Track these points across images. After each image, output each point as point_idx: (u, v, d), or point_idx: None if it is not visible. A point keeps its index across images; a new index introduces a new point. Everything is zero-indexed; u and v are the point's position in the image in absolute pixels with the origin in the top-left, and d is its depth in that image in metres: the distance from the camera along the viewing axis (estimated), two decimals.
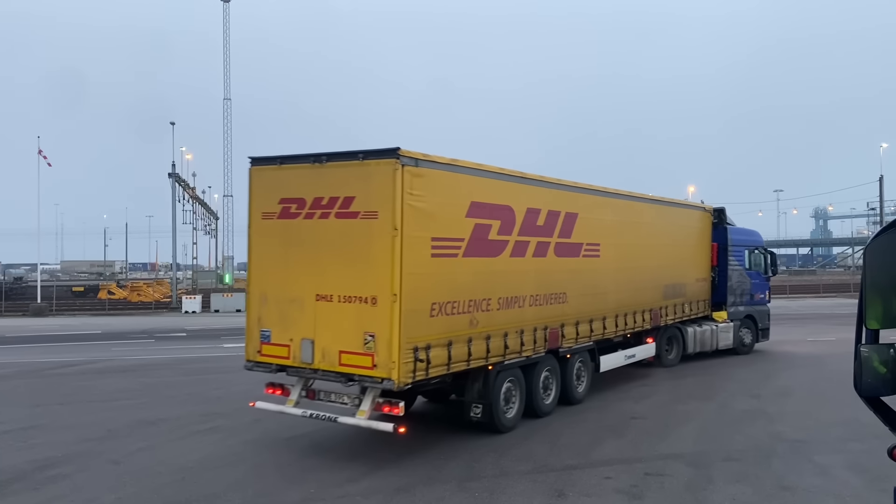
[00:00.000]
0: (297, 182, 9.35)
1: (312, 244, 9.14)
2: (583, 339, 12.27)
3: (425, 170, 8.86)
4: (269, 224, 9.59)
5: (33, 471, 8.32)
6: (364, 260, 8.66)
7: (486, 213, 9.89)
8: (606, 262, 13.02)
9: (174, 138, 54.59)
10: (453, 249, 9.35)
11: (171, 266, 56.81)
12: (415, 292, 8.59)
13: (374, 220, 8.58)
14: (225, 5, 67.41)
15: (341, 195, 8.89)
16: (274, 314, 9.46)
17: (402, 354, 8.38)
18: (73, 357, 20.11)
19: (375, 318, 8.49)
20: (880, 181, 55.38)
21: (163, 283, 63.12)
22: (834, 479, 7.71)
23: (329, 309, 8.89)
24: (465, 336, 9.41)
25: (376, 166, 8.68)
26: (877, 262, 2.91)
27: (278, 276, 9.50)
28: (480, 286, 9.81)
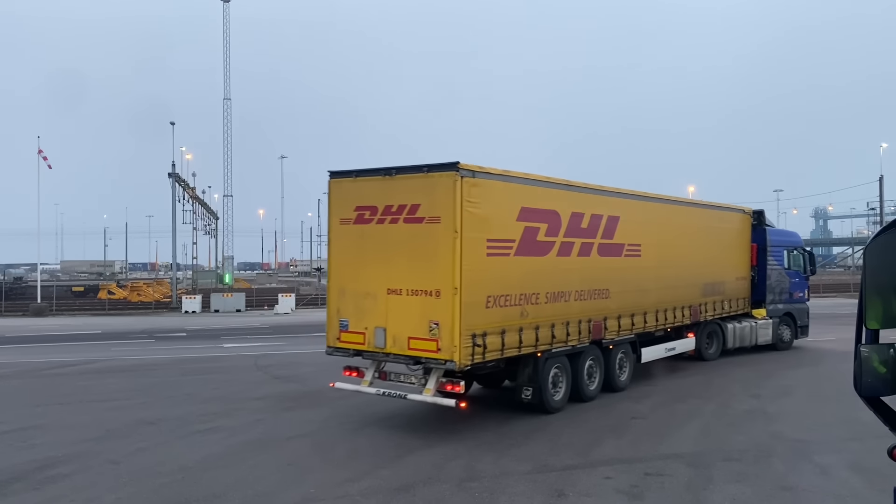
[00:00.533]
0: (369, 192, 10.76)
1: (384, 245, 10.52)
2: (624, 331, 13.28)
3: (481, 180, 10.16)
4: (346, 228, 11.08)
5: (33, 471, 8.32)
6: (429, 259, 9.98)
7: (534, 217, 11.12)
8: (647, 261, 13.96)
9: (174, 138, 54.60)
10: (506, 249, 10.61)
11: (171, 266, 56.79)
12: (472, 286, 9.86)
13: (438, 224, 9.90)
14: (225, 5, 67.41)
15: (409, 203, 10.27)
16: (351, 306, 10.90)
17: (462, 340, 9.63)
18: (73, 357, 20.10)
19: (439, 308, 9.78)
20: (880, 181, 55.39)
21: (163, 283, 63.11)
22: (834, 479, 7.71)
23: (399, 301, 10.25)
24: (517, 326, 10.64)
25: (439, 178, 9.99)
26: (877, 262, 2.91)
27: (354, 274, 10.93)
28: (530, 282, 11.02)
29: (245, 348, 22.29)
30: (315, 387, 14.25)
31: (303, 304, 47.43)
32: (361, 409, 11.80)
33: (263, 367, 17.47)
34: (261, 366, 17.63)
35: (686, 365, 16.47)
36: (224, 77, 66.43)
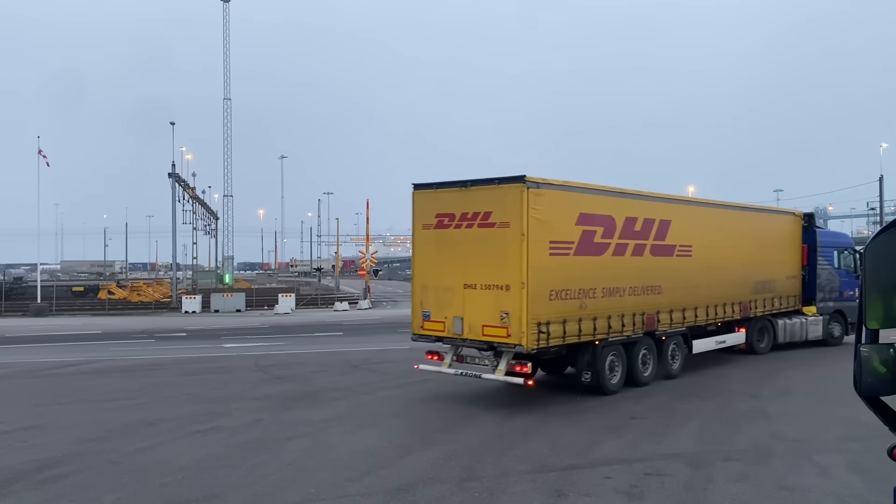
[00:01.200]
0: (448, 201, 12.45)
1: (460, 247, 12.18)
2: (676, 324, 14.53)
3: (544, 190, 11.67)
4: (427, 233, 12.80)
5: (33, 471, 8.32)
6: (499, 258, 11.57)
7: (591, 222, 12.55)
8: (697, 260, 15.12)
9: (174, 138, 54.64)
10: (566, 250, 12.08)
11: (171, 266, 56.78)
12: (537, 282, 11.39)
13: (507, 228, 11.52)
14: (225, 5, 67.39)
15: (482, 210, 11.91)
16: (432, 299, 12.61)
17: (529, 327, 11.23)
18: (73, 357, 20.11)
19: (509, 300, 11.40)
20: (880, 181, 55.35)
21: (163, 283, 63.15)
22: (834, 479, 7.71)
23: (474, 294, 11.91)
24: (576, 316, 12.10)
25: (508, 189, 11.56)
26: (877, 262, 2.91)
27: (435, 271, 12.62)
28: (588, 278, 12.42)
29: (245, 348, 22.29)
30: (315, 387, 14.25)
31: (303, 304, 47.44)
32: (361, 410, 11.81)
33: (263, 367, 17.47)
34: (261, 366, 17.63)
35: (686, 365, 16.47)
36: (224, 77, 66.44)
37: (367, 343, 23.06)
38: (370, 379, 15.25)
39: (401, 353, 19.82)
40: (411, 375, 15.53)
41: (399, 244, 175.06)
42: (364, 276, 49.45)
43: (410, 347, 21.34)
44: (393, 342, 23.17)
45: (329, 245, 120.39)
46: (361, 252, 53.85)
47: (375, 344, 22.65)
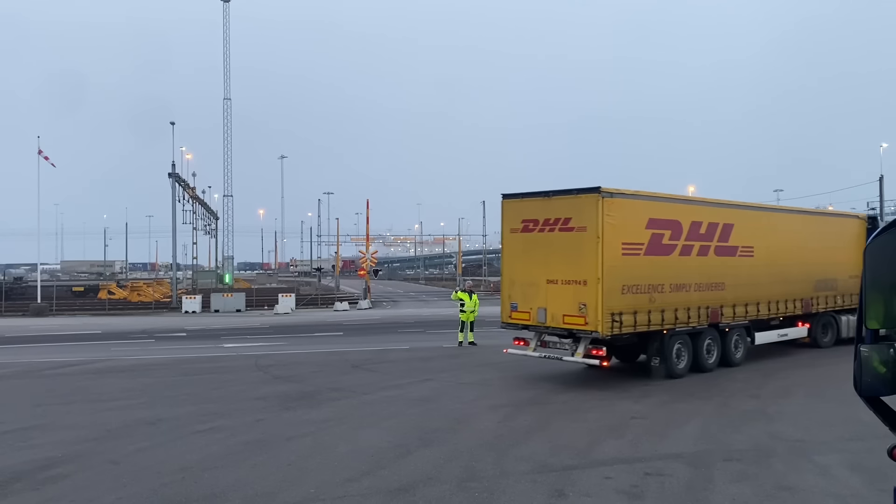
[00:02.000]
0: (532, 209, 14.32)
1: (543, 248, 14.03)
2: (739, 318, 15.87)
3: (617, 199, 13.35)
4: (515, 236, 14.72)
5: (33, 471, 8.32)
6: (578, 257, 13.34)
7: (659, 226, 14.11)
8: (759, 260, 16.36)
9: (174, 138, 54.64)
10: (637, 250, 13.71)
11: (172, 266, 56.77)
12: (611, 278, 13.07)
13: (585, 232, 13.26)
14: (225, 5, 67.40)
15: (562, 216, 13.70)
16: (519, 293, 14.55)
17: (604, 316, 12.95)
18: (73, 357, 20.11)
19: (586, 293, 13.15)
20: (880, 181, 55.31)
21: (163, 283, 63.14)
22: (834, 479, 7.70)
23: (555, 288, 13.71)
24: (646, 309, 13.70)
25: (586, 198, 13.31)
26: (877, 262, 2.91)
27: (521, 268, 14.55)
28: (656, 275, 13.97)
29: (245, 348, 22.29)
30: (315, 387, 14.24)
31: (303, 304, 47.44)
32: (361, 410, 11.81)
33: (263, 367, 17.46)
34: (261, 366, 17.63)
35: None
36: (224, 77, 66.44)
37: (367, 343, 23.06)
38: (370, 379, 15.24)
39: (401, 353, 19.82)
40: (412, 375, 15.54)
41: (399, 244, 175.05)
42: (364, 276, 49.45)
43: (410, 348, 21.38)
44: (393, 342, 23.17)
45: (329, 245, 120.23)
46: (361, 252, 53.87)
47: (375, 344, 22.65)
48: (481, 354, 19.30)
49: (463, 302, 21.61)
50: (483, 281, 76.70)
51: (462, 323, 21.65)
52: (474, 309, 21.75)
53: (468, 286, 23.74)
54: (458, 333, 21.91)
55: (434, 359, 18.61)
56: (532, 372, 15.94)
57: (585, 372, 15.87)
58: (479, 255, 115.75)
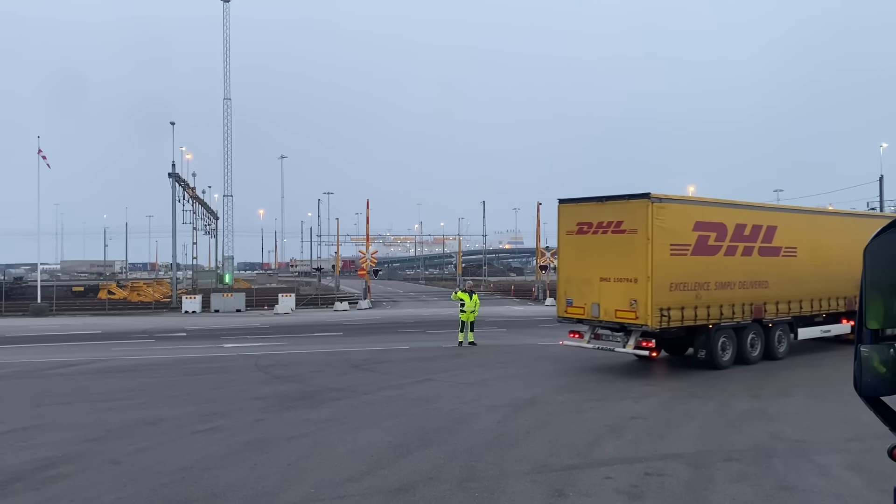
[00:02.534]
0: (587, 213, 15.65)
1: (597, 248, 15.28)
2: (782, 314, 16.89)
3: (666, 204, 14.56)
4: (570, 237, 16.07)
5: (33, 471, 8.31)
6: (629, 257, 14.54)
7: (705, 228, 15.22)
8: (802, 260, 17.23)
9: (174, 138, 54.65)
10: (684, 250, 14.85)
11: (171, 266, 56.76)
12: (660, 276, 14.27)
13: (636, 234, 14.50)
14: (225, 6, 67.40)
15: (615, 220, 14.94)
16: (574, 289, 15.91)
17: (653, 311, 14.19)
18: (73, 357, 20.11)
19: (637, 290, 14.40)
20: (880, 181, 55.31)
21: (163, 283, 63.10)
22: (834, 479, 7.70)
23: (608, 285, 14.99)
24: (692, 304, 14.87)
25: (636, 203, 14.58)
26: (877, 261, 2.91)
27: (576, 267, 15.90)
28: (702, 274, 15.08)
29: (245, 348, 22.29)
30: (315, 387, 14.24)
31: (303, 304, 47.43)
32: (361, 410, 11.81)
33: (264, 367, 17.46)
34: (261, 366, 17.63)
35: (686, 364, 16.49)
36: (224, 77, 66.45)
37: (367, 343, 23.06)
38: (370, 379, 15.24)
39: (401, 353, 19.82)
40: (411, 375, 15.53)
41: (399, 244, 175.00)
42: (364, 276, 49.43)
43: (410, 348, 21.38)
44: (393, 342, 23.16)
45: (329, 245, 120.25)
46: (361, 252, 53.84)
47: (375, 344, 22.64)
48: (481, 354, 19.30)
49: (463, 302, 21.61)
50: (483, 281, 76.74)
51: (462, 323, 21.65)
52: (474, 309, 21.74)
53: (468, 286, 23.75)
54: (458, 333, 21.90)
55: (434, 359, 18.61)
56: (532, 372, 15.95)
57: (585, 372, 15.89)
58: (479, 255, 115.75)
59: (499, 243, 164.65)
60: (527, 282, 72.16)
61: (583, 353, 17.97)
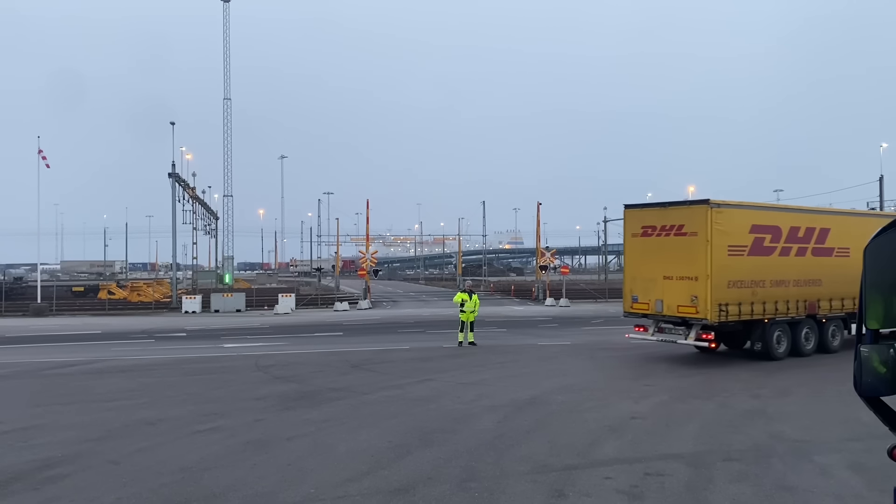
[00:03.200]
0: (651, 217, 17.30)
1: (660, 249, 16.82)
2: (835, 310, 17.88)
3: (724, 209, 16.03)
4: (636, 239, 17.63)
5: (33, 471, 8.31)
6: (690, 257, 16.04)
7: (761, 231, 16.57)
8: (855, 259, 18.07)
9: (174, 138, 54.67)
10: (741, 251, 16.24)
11: (171, 266, 56.77)
12: (718, 274, 15.68)
13: (696, 237, 16.00)
14: (225, 5, 67.43)
15: (676, 223, 16.53)
16: (639, 287, 17.40)
17: (713, 306, 15.63)
18: (73, 357, 20.11)
19: (697, 287, 15.87)
20: (880, 181, 55.33)
21: (163, 283, 63.08)
22: (834, 479, 7.70)
23: (671, 283, 16.48)
24: (749, 301, 16.25)
25: (697, 209, 16.15)
26: (877, 261, 2.90)
27: (641, 267, 17.40)
28: (758, 272, 16.31)
29: (245, 348, 22.29)
30: (315, 387, 14.24)
31: (303, 304, 47.42)
32: (361, 410, 11.81)
33: (264, 367, 17.46)
34: (261, 366, 17.63)
35: (686, 364, 16.49)
36: (224, 77, 66.51)
37: (367, 343, 23.06)
38: (370, 379, 15.24)
39: (401, 353, 19.82)
40: (411, 375, 15.54)
41: (399, 244, 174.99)
42: (364, 276, 49.42)
43: (410, 348, 21.38)
44: (393, 342, 23.16)
45: (329, 245, 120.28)
46: (361, 252, 53.85)
47: (375, 344, 22.64)
48: (481, 354, 19.30)
49: (463, 302, 21.61)
50: (483, 281, 76.75)
51: (462, 323, 21.65)
52: (474, 309, 21.75)
53: (468, 286, 23.75)
54: (458, 333, 21.90)
55: (434, 359, 18.61)
56: (532, 372, 15.95)
57: (585, 372, 15.89)
58: (479, 256, 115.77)
59: (499, 243, 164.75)
60: (527, 282, 72.15)
61: (582, 353, 17.99)
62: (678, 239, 16.40)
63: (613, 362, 17.58)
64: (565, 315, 37.23)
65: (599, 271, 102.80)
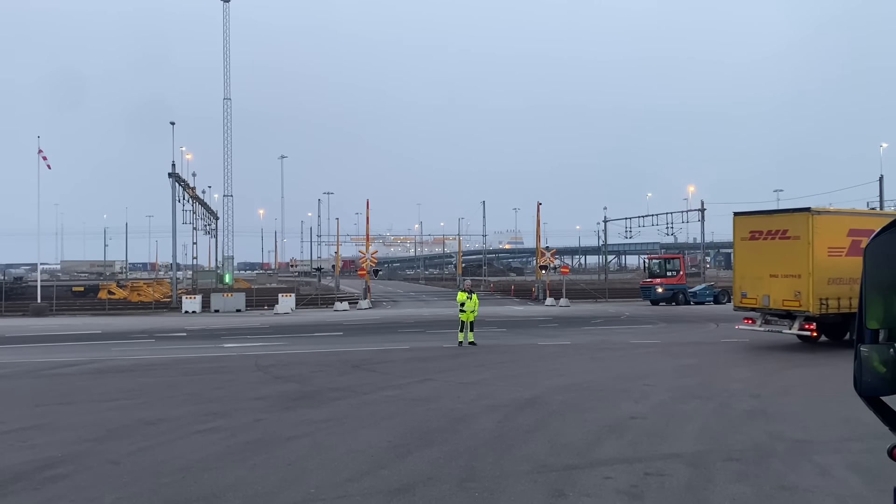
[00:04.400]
0: (757, 222, 20.09)
1: (766, 251, 19.38)
2: None
3: (823, 216, 18.67)
4: (744, 242, 20.20)
5: (33, 471, 8.31)
6: (793, 258, 18.48)
7: (858, 234, 18.19)
8: None
9: (174, 138, 54.68)
10: (839, 252, 18.38)
11: (172, 266, 56.78)
12: (819, 272, 18.01)
13: (798, 240, 18.47)
14: (225, 5, 67.42)
15: (781, 228, 19.16)
16: (748, 284, 19.98)
17: (814, 300, 17.99)
18: (73, 357, 20.11)
19: (800, 284, 18.30)
20: (880, 181, 55.32)
21: (163, 283, 63.09)
22: (834, 479, 7.70)
23: (776, 280, 19.02)
24: (847, 295, 18.12)
25: (799, 215, 18.81)
26: (877, 261, 2.90)
27: (749, 266, 20.07)
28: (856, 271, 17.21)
29: (245, 348, 22.29)
30: (315, 387, 14.24)
31: (303, 304, 47.43)
32: (361, 410, 11.81)
33: (264, 367, 17.46)
34: (261, 366, 17.63)
35: (686, 365, 16.48)
36: (224, 77, 66.50)
37: (367, 343, 23.06)
38: (370, 379, 15.24)
39: (401, 353, 19.82)
40: (412, 375, 15.54)
41: (399, 244, 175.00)
42: (364, 276, 49.42)
43: (410, 347, 21.38)
44: (393, 342, 23.17)
45: (329, 245, 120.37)
46: (361, 252, 53.84)
47: (375, 344, 22.65)
48: (481, 354, 19.30)
49: (463, 302, 21.62)
50: (483, 281, 76.75)
51: (462, 323, 21.65)
52: (474, 309, 21.75)
53: (467, 286, 23.75)
54: (458, 333, 21.90)
55: (434, 359, 18.61)
56: (532, 372, 15.95)
57: (585, 372, 15.88)
58: (479, 255, 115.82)
59: (499, 243, 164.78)
60: (527, 282, 72.16)
61: (582, 353, 17.98)
62: (783, 242, 18.84)
63: (613, 362, 17.58)
64: (565, 315, 37.23)
65: (599, 271, 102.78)
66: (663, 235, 73.90)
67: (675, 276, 45.61)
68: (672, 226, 65.62)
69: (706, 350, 19.87)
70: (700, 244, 68.53)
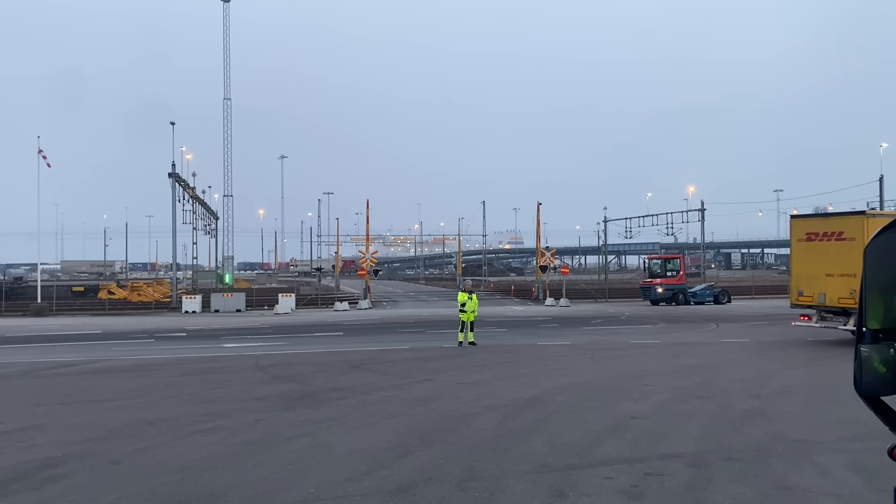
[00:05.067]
0: (814, 225, 21.51)
1: (822, 252, 20.46)
2: None
3: (878, 218, 19.45)
4: (801, 244, 21.44)
5: (33, 471, 8.31)
6: (849, 258, 18.97)
7: None
8: None
9: (174, 138, 54.70)
10: None
11: (172, 266, 56.78)
12: None
13: (854, 241, 19.18)
14: (225, 5, 67.41)
15: (836, 230, 20.27)
16: (804, 283, 21.12)
17: None
18: (73, 357, 20.11)
19: (855, 283, 16.70)
20: (880, 181, 55.34)
21: (163, 283, 63.09)
22: (834, 479, 7.70)
23: (832, 279, 19.93)
24: None
25: (854, 218, 20.19)
26: (877, 261, 2.90)
27: (806, 266, 21.24)
28: None
29: (245, 348, 22.30)
30: (315, 387, 14.24)
31: (303, 304, 47.44)
32: (361, 410, 11.81)
33: (264, 367, 17.46)
34: (261, 366, 17.63)
35: (686, 365, 16.49)
36: (224, 77, 66.45)
37: (367, 343, 23.06)
38: (370, 379, 15.24)
39: (401, 353, 19.82)
40: (412, 375, 15.54)
41: (399, 244, 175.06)
42: (364, 276, 49.43)
43: (410, 348, 21.39)
44: (393, 342, 23.17)
45: (329, 245, 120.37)
46: (361, 252, 53.87)
47: (375, 344, 22.65)
48: (481, 354, 19.31)
49: (464, 302, 21.62)
50: (483, 281, 76.75)
51: (462, 323, 21.65)
52: (475, 309, 21.76)
53: (467, 286, 23.74)
54: (458, 333, 21.91)
55: (434, 359, 18.61)
56: (532, 372, 15.95)
57: (585, 372, 15.89)
58: (479, 255, 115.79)
59: (499, 243, 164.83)
60: (527, 282, 72.14)
61: (582, 353, 17.93)
62: (838, 243, 19.89)
63: (613, 362, 17.58)
64: (565, 315, 37.24)
65: (599, 271, 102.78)
66: (663, 235, 73.88)
67: (676, 276, 45.65)
68: (672, 226, 65.70)
69: (706, 350, 19.89)
70: (700, 244, 68.55)
